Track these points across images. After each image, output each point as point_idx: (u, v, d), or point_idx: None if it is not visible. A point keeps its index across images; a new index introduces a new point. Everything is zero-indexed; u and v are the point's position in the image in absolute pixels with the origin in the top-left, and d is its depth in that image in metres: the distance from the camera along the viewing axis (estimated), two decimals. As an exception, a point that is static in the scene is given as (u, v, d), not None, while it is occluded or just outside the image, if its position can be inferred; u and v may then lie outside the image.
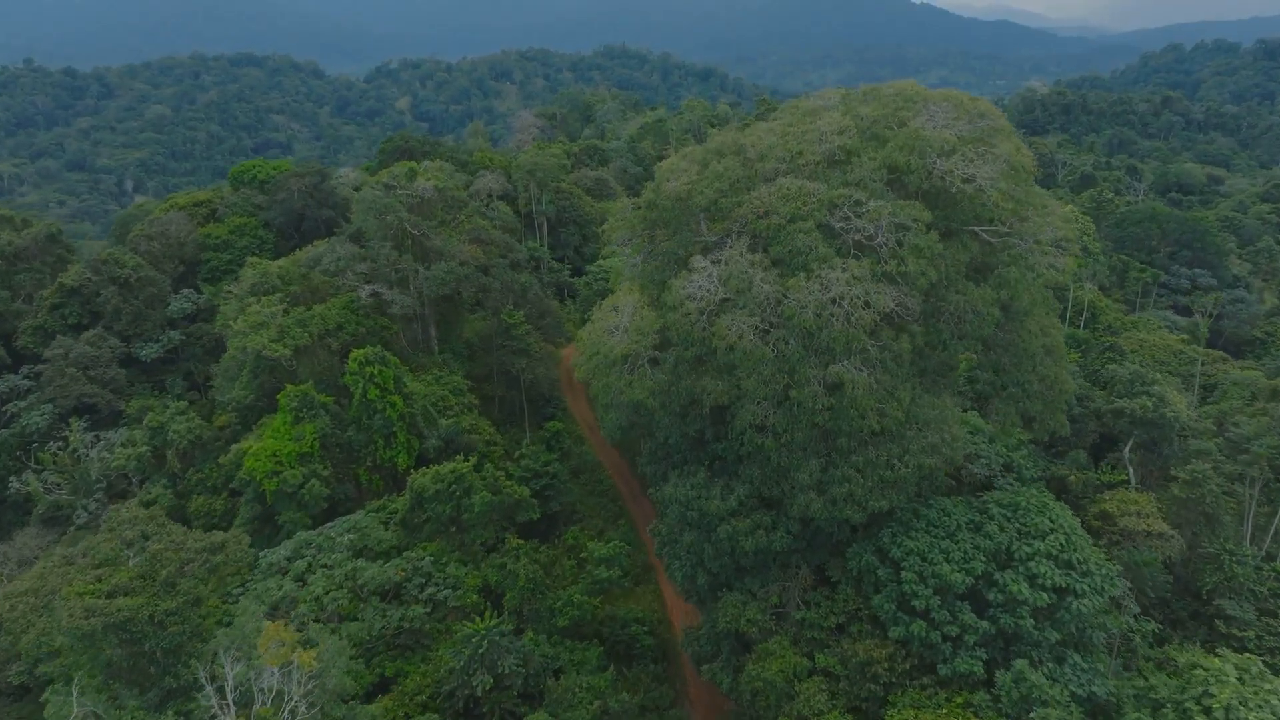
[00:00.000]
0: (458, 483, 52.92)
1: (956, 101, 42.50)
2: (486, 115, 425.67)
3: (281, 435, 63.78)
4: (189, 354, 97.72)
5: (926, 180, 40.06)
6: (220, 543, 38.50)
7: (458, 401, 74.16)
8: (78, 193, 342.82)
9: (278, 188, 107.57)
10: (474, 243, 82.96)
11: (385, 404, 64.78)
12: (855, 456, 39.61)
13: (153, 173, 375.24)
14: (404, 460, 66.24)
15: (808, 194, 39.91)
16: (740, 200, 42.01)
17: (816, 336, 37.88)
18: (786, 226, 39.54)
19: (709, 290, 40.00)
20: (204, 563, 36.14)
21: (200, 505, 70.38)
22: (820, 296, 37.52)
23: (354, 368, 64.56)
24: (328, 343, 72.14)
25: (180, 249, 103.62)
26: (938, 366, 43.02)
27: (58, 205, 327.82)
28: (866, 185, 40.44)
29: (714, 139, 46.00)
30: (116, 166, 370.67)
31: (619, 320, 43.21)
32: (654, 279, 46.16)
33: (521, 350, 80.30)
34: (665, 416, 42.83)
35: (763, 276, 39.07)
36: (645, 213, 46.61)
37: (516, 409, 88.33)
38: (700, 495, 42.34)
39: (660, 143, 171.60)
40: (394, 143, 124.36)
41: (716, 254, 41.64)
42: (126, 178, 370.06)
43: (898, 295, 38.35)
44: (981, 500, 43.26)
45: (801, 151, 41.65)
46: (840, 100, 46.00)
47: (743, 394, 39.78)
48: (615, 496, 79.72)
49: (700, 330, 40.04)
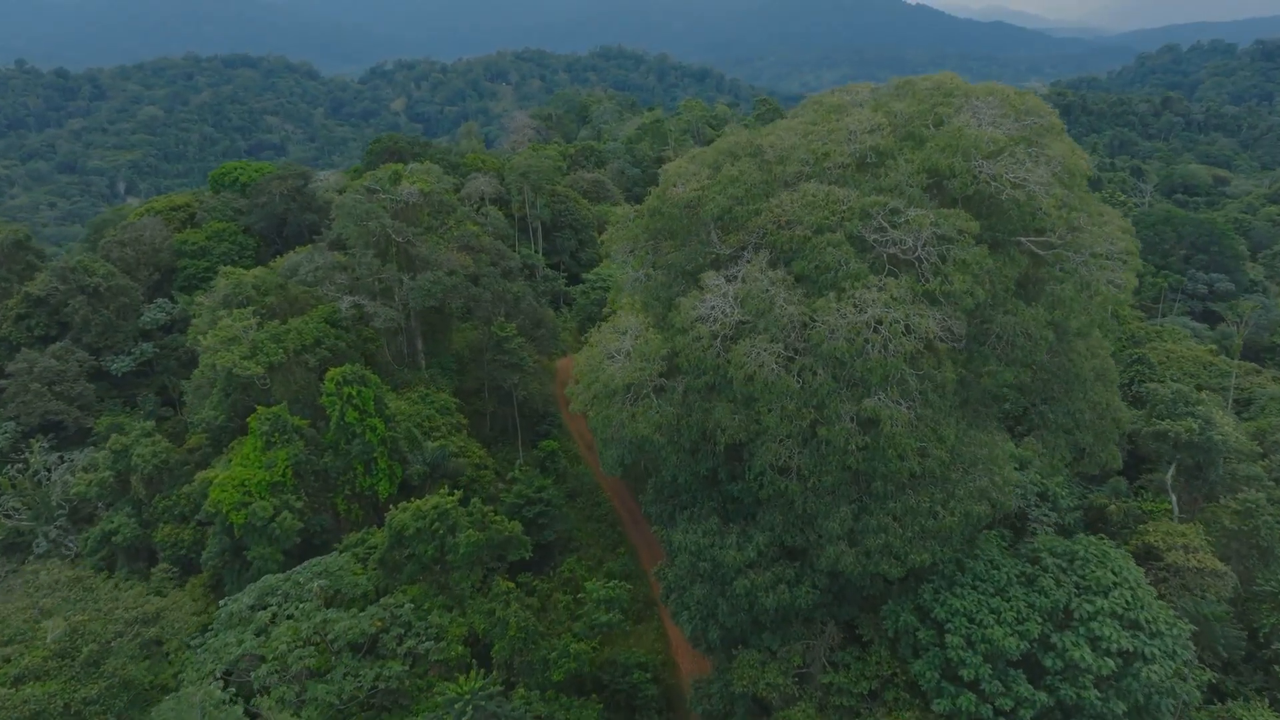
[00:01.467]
0: (441, 520, 47.82)
1: (1002, 96, 37.50)
2: (482, 116, 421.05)
3: (251, 462, 58.59)
4: (163, 367, 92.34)
5: (971, 185, 35.04)
6: (156, 612, 33.28)
7: (445, 421, 69.01)
8: (69, 195, 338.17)
9: (259, 191, 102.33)
10: (463, 250, 77.81)
11: (365, 428, 59.64)
12: (893, 503, 34.57)
13: (145, 174, 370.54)
14: (385, 488, 61.11)
15: (837, 201, 34.87)
16: (758, 208, 36.98)
17: (848, 366, 32.85)
18: (813, 239, 34.50)
19: (724, 311, 34.94)
20: (135, 636, 31.03)
21: (167, 535, 65.16)
22: (853, 320, 32.49)
23: (331, 388, 59.41)
24: (304, 359, 66.93)
25: (155, 255, 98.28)
26: (981, 396, 38.00)
27: (48, 207, 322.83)
28: (903, 191, 35.42)
29: (726, 138, 40.95)
30: (108, 168, 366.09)
31: (621, 344, 38.12)
32: (659, 296, 41.10)
33: (514, 365, 75.20)
34: (673, 454, 37.77)
35: (786, 297, 34.02)
36: (649, 221, 41.54)
37: (509, 426, 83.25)
38: (714, 544, 37.27)
39: (659, 144, 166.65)
40: (382, 144, 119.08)
41: (731, 270, 36.58)
42: (118, 180, 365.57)
43: (941, 318, 33.32)
44: (1032, 548, 38.25)
45: (828, 153, 36.60)
46: (870, 95, 40.97)
47: (763, 430, 34.74)
48: (614, 522, 74.61)
49: (714, 357, 34.98)
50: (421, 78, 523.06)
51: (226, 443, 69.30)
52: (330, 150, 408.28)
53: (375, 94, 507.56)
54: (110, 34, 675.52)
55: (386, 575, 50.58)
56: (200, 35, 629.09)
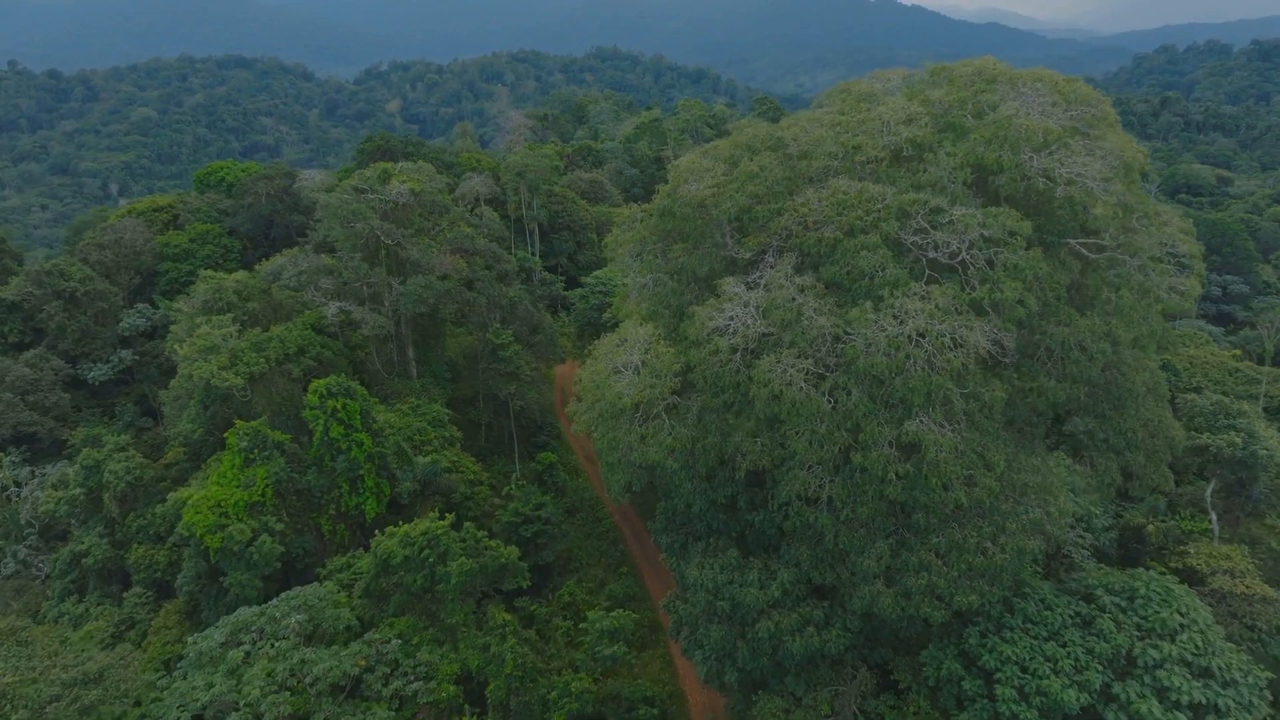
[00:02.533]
0: (431, 547, 44.02)
1: (1050, 82, 33.83)
2: (477, 118, 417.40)
3: (228, 481, 54.71)
4: (144, 375, 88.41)
5: (1022, 181, 31.35)
6: (99, 671, 29.23)
7: (437, 435, 65.13)
8: (60, 196, 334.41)
9: (244, 192, 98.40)
10: (456, 253, 73.99)
11: (351, 443, 55.78)
12: (936, 538, 30.85)
13: (138, 176, 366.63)
14: (373, 507, 57.26)
15: (871, 199, 31.17)
16: (781, 207, 33.28)
17: (887, 384, 29.14)
18: (844, 241, 30.79)
19: (745, 323, 31.21)
20: (74, 701, 27.14)
21: (141, 557, 61.27)
22: (893, 333, 28.78)
23: (314, 401, 55.53)
24: (288, 369, 63.08)
25: (136, 259, 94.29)
26: (1027, 416, 34.29)
27: (40, 209, 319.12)
28: (945, 188, 31.74)
29: (744, 130, 37.24)
30: (100, 170, 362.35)
31: (628, 358, 34.36)
32: (669, 304, 37.39)
33: (511, 374, 71.34)
34: (687, 480, 34.03)
35: (815, 306, 30.30)
36: (658, 222, 37.83)
37: (505, 437, 79.42)
38: (732, 580, 33.52)
39: (657, 143, 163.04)
40: (373, 143, 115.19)
41: (752, 276, 32.86)
42: (111, 181, 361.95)
43: (990, 330, 29.62)
44: (1085, 583, 34.53)
45: (860, 146, 32.88)
46: (903, 83, 37.30)
47: (789, 456, 31.02)
48: (617, 539, 70.77)
49: (733, 374, 31.26)
50: (417, 79, 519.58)
51: (206, 457, 65.45)
52: (325, 152, 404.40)
53: (370, 95, 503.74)
54: (104, 36, 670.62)
55: (372, 605, 46.75)
56: (194, 37, 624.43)
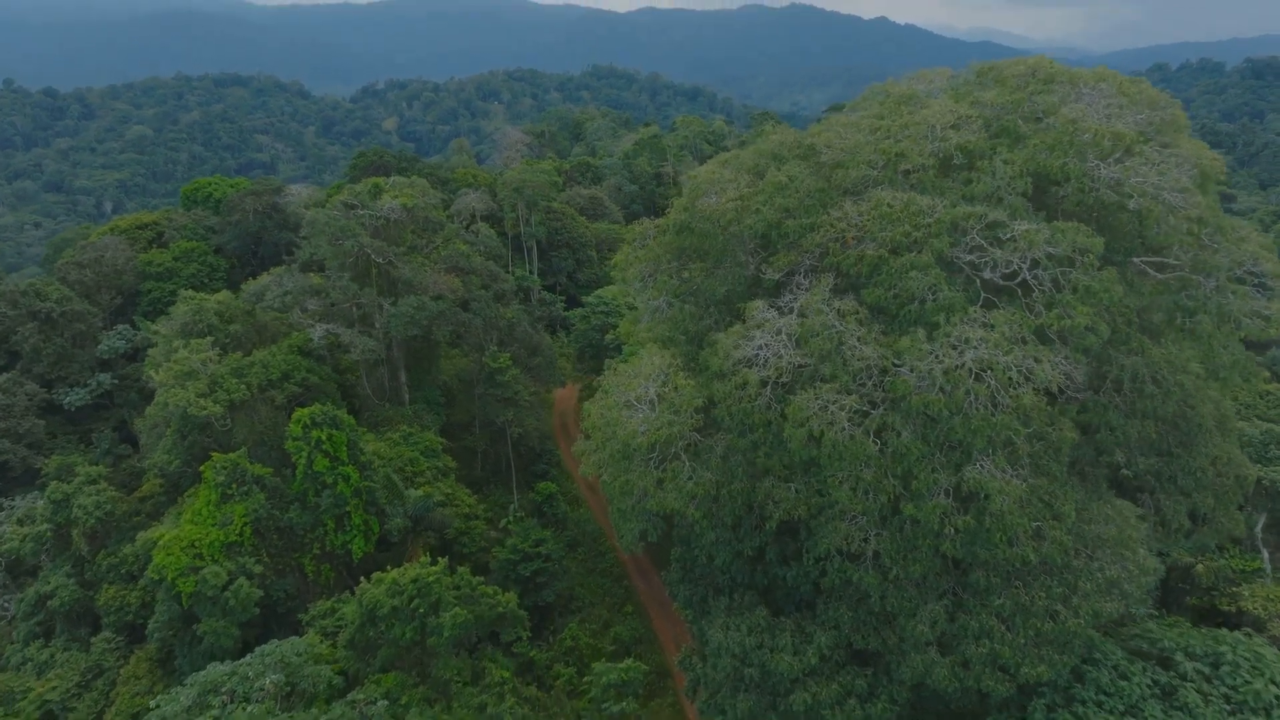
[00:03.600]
0: (421, 596, 40.07)
1: (1115, 83, 30.33)
2: (474, 135, 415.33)
3: (203, 519, 50.66)
4: (123, 400, 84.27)
5: (1090, 192, 27.76)
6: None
7: (430, 466, 61.16)
8: (54, 214, 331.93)
9: (231, 208, 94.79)
10: (451, 271, 70.30)
11: (336, 477, 51.80)
12: (998, 599, 26.98)
13: (132, 194, 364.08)
14: (360, 546, 53.21)
15: (919, 213, 27.53)
16: (814, 222, 29.63)
17: (943, 425, 25.39)
18: (890, 260, 27.12)
19: (777, 353, 27.45)
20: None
21: (111, 598, 57.06)
22: (950, 365, 25.06)
23: (297, 431, 51.59)
24: (270, 396, 59.15)
25: (117, 278, 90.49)
26: (1091, 456, 30.52)
27: (33, 227, 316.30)
28: (1001, 199, 28.13)
29: (769, 137, 33.65)
30: (95, 187, 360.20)
31: (643, 391, 30.55)
32: (686, 330, 33.65)
33: (508, 399, 67.49)
34: (709, 529, 30.15)
35: (859, 334, 26.56)
36: (673, 239, 34.15)
37: (502, 465, 75.49)
38: (762, 644, 29.57)
39: (657, 159, 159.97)
40: (366, 158, 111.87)
41: (784, 299, 29.14)
42: (105, 199, 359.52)
43: (1060, 361, 25.90)
44: (1160, 646, 30.63)
45: (903, 153, 29.27)
46: (947, 83, 33.80)
47: (828, 505, 27.21)
48: (621, 574, 66.66)
49: (764, 411, 27.47)
50: (413, 97, 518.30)
51: (184, 490, 61.42)
52: (321, 169, 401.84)
53: (367, 113, 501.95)
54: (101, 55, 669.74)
55: (357, 658, 42.63)
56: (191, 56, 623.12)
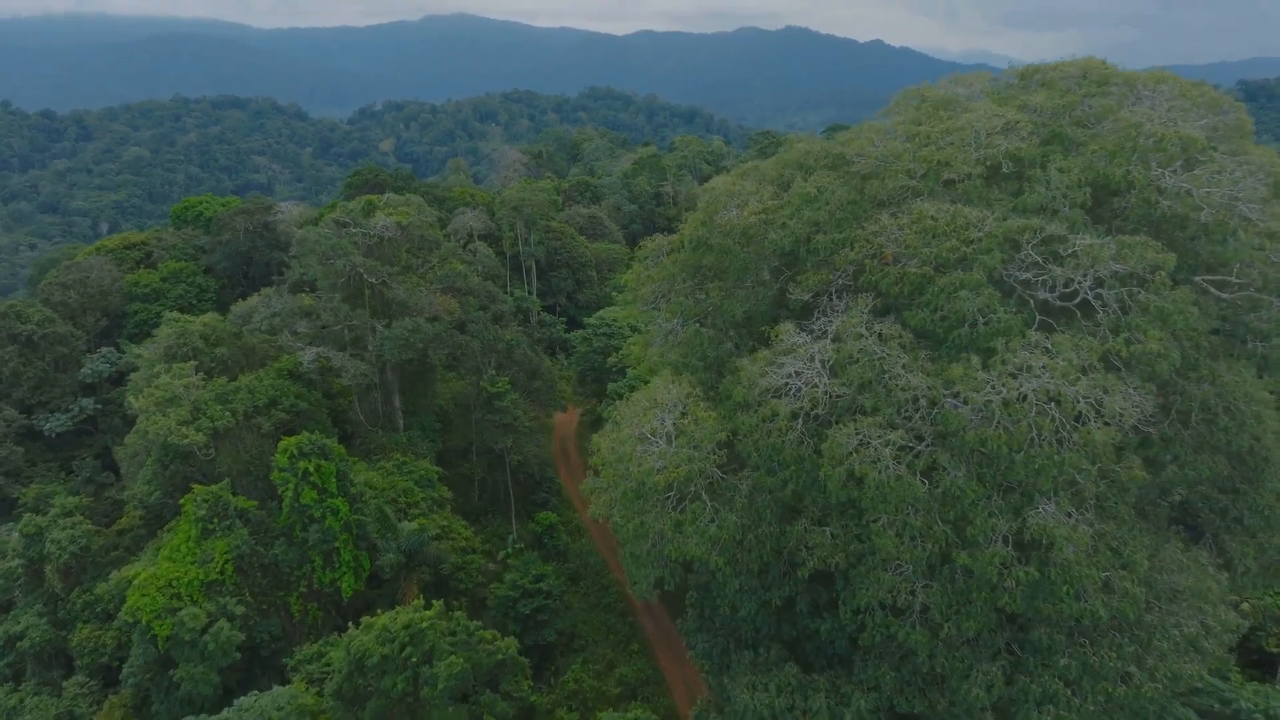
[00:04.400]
0: (414, 644, 36.95)
1: (1176, 85, 27.75)
2: (471, 156, 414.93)
3: (182, 556, 47.49)
4: (107, 426, 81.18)
5: (1157, 204, 25.06)
6: None
7: (425, 496, 58.08)
8: (49, 235, 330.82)
9: (222, 227, 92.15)
10: (448, 292, 67.54)
11: (325, 510, 48.71)
12: (1063, 660, 23.96)
13: (129, 215, 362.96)
14: (350, 584, 50.03)
15: (967, 226, 24.78)
16: (848, 237, 26.88)
17: (1001, 463, 22.50)
18: (937, 279, 24.34)
19: (810, 381, 24.60)
20: None
21: (85, 639, 53.70)
22: (1010, 395, 22.21)
23: (283, 462, 48.54)
24: (257, 423, 56.12)
25: (103, 299, 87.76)
26: (1154, 495, 27.60)
27: (28, 248, 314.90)
28: (1058, 212, 25.42)
29: (794, 145, 30.96)
30: (91, 209, 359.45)
31: (658, 423, 27.63)
32: (704, 356, 30.78)
33: (507, 425, 64.50)
34: (734, 577, 27.13)
35: (904, 361, 23.73)
36: (689, 256, 31.39)
37: (501, 493, 72.38)
38: (793, 705, 26.47)
39: (657, 179, 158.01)
40: (361, 176, 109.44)
41: (816, 322, 26.32)
42: (101, 220, 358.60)
43: (1133, 393, 23.06)
44: (1235, 708, 27.60)
45: (947, 160, 26.59)
46: (988, 86, 31.17)
47: (869, 552, 24.26)
48: (626, 610, 63.35)
49: (796, 447, 24.57)
50: (410, 118, 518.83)
51: (165, 523, 58.22)
52: (318, 190, 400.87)
53: (364, 134, 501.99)
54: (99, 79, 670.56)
55: (344, 710, 39.34)
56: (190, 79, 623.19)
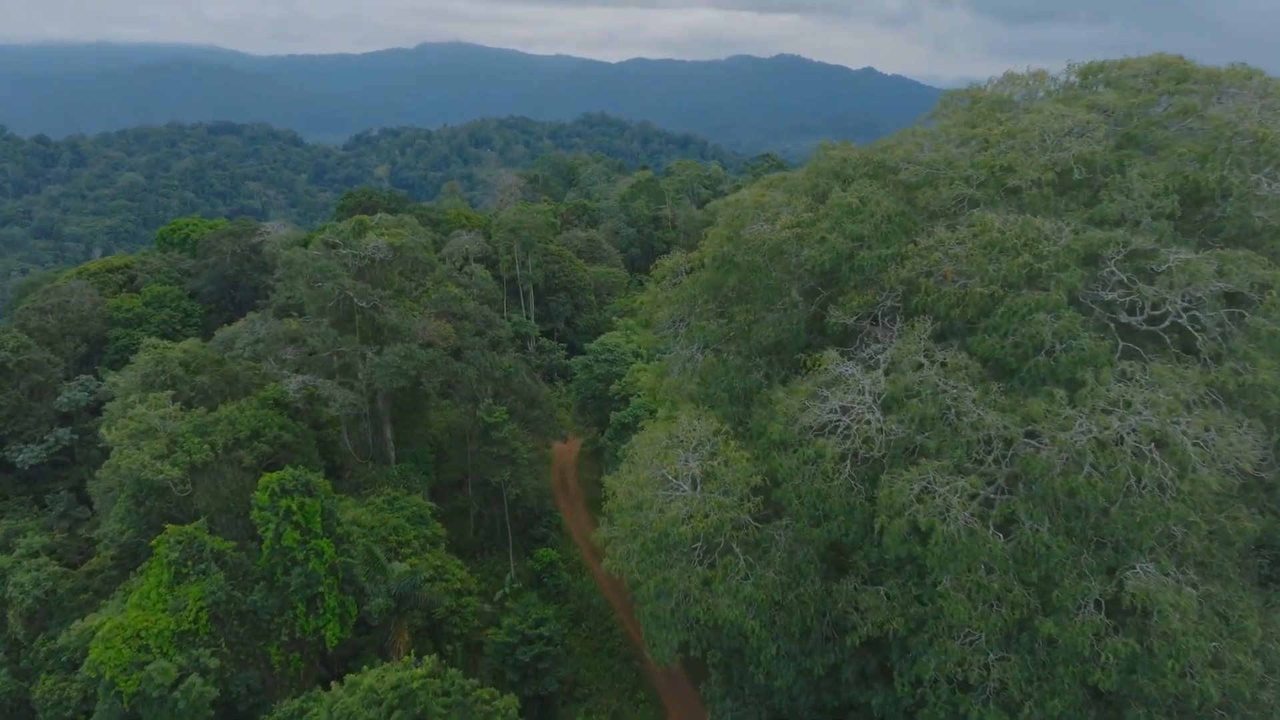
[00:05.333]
0: (404, 707, 33.22)
1: (1263, 82, 24.76)
2: (466, 182, 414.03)
3: (152, 603, 43.65)
4: (84, 458, 77.06)
5: (1255, 213, 21.93)
6: None
7: (417, 534, 54.31)
8: (42, 261, 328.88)
9: (208, 250, 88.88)
10: (442, 316, 64.25)
11: (309, 552, 44.93)
12: (1166, 746, 20.53)
13: (122, 240, 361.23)
14: (335, 632, 46.10)
15: (1041, 239, 21.59)
16: (898, 253, 23.68)
17: (1093, 515, 19.15)
18: (1009, 300, 21.10)
19: (862, 418, 21.25)
20: None
21: (49, 690, 49.39)
22: (1108, 436, 18.90)
23: (264, 500, 44.82)
24: (238, 457, 52.47)
25: (83, 325, 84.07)
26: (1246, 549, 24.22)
27: (20, 274, 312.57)
28: (1140, 223, 22.27)
29: (830, 152, 27.83)
30: (85, 234, 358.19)
31: (683, 465, 24.21)
32: (730, 387, 27.42)
33: (505, 457, 60.93)
34: (770, 643, 23.60)
35: (973, 395, 20.41)
36: (712, 275, 28.15)
37: (498, 528, 68.68)
38: (841, 794, 22.95)
39: (655, 202, 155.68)
40: (354, 199, 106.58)
41: (865, 349, 23.03)
42: (95, 245, 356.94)
43: (1246, 431, 19.76)
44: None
45: (1011, 165, 23.46)
46: (1050, 86, 28.09)
47: (934, 617, 20.78)
48: (631, 654, 59.50)
49: (845, 494, 21.18)
50: (406, 144, 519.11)
51: (139, 564, 54.32)
52: (312, 215, 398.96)
53: (359, 160, 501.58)
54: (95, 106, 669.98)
55: (327, 778, 35.49)
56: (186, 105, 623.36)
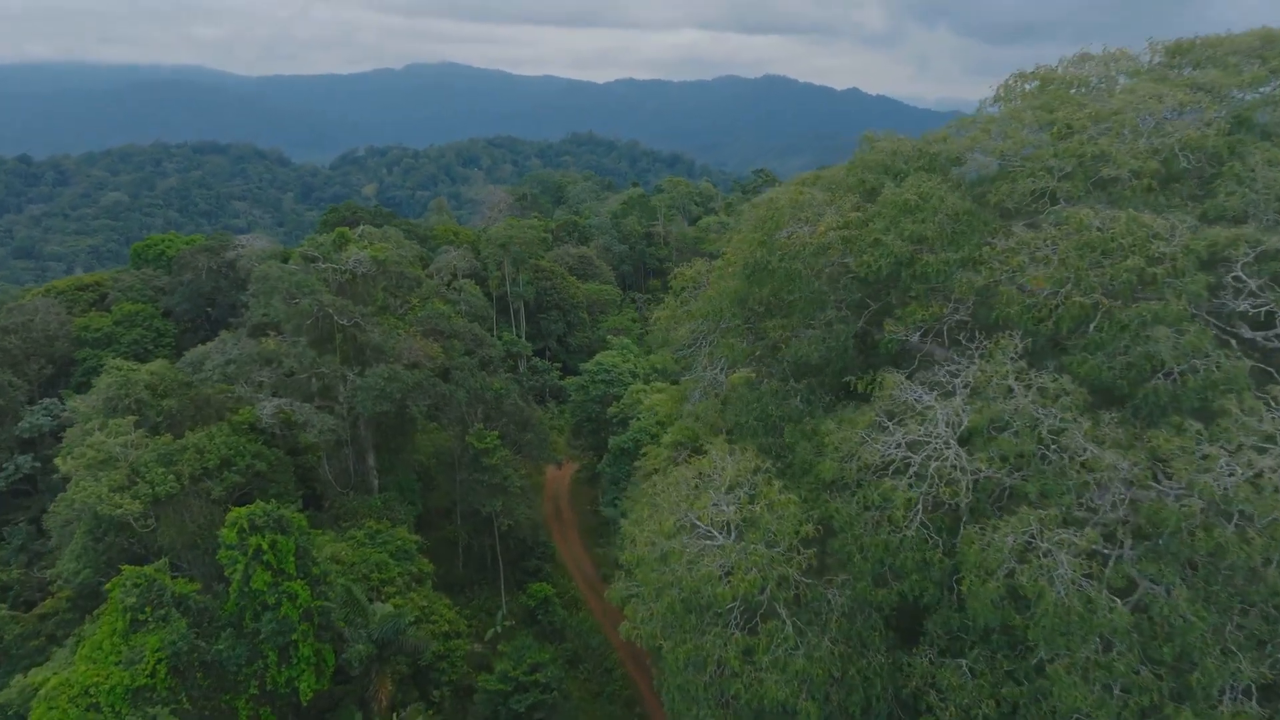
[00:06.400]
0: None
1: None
2: (454, 201, 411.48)
3: (105, 655, 39.17)
4: (47, 485, 72.48)
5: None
6: None
7: (402, 571, 50.02)
8: (22, 281, 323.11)
9: (183, 266, 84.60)
10: (430, 335, 60.26)
11: (280, 595, 40.63)
12: None
13: (105, 259, 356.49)
14: (310, 682, 41.68)
15: (1153, 239, 17.93)
16: (970, 256, 19.97)
17: (1241, 576, 15.37)
18: (1118, 313, 17.39)
19: (939, 454, 17.44)
20: None
21: (-8, 750, 44.88)
22: (1269, 481, 15.18)
23: (231, 538, 40.50)
24: (206, 488, 48.15)
25: (49, 345, 79.57)
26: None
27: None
28: (1262, 219, 18.67)
29: (877, 144, 24.17)
30: (67, 253, 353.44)
31: (716, 509, 20.26)
32: (764, 415, 23.56)
33: (497, 486, 56.81)
34: (827, 725, 19.63)
35: (1084, 428, 16.63)
36: (740, 286, 24.38)
37: (488, 560, 64.43)
38: None
39: (647, 219, 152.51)
40: (339, 213, 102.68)
41: (937, 371, 19.24)
42: (76, 265, 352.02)
43: None
44: None
45: (1103, 153, 19.86)
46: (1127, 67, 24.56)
47: (1037, 699, 16.86)
48: (633, 699, 55.23)
49: (920, 547, 17.32)
50: (393, 163, 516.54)
51: (98, 606, 49.77)
52: (299, 234, 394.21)
53: (346, 179, 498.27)
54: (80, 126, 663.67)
55: None
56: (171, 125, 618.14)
